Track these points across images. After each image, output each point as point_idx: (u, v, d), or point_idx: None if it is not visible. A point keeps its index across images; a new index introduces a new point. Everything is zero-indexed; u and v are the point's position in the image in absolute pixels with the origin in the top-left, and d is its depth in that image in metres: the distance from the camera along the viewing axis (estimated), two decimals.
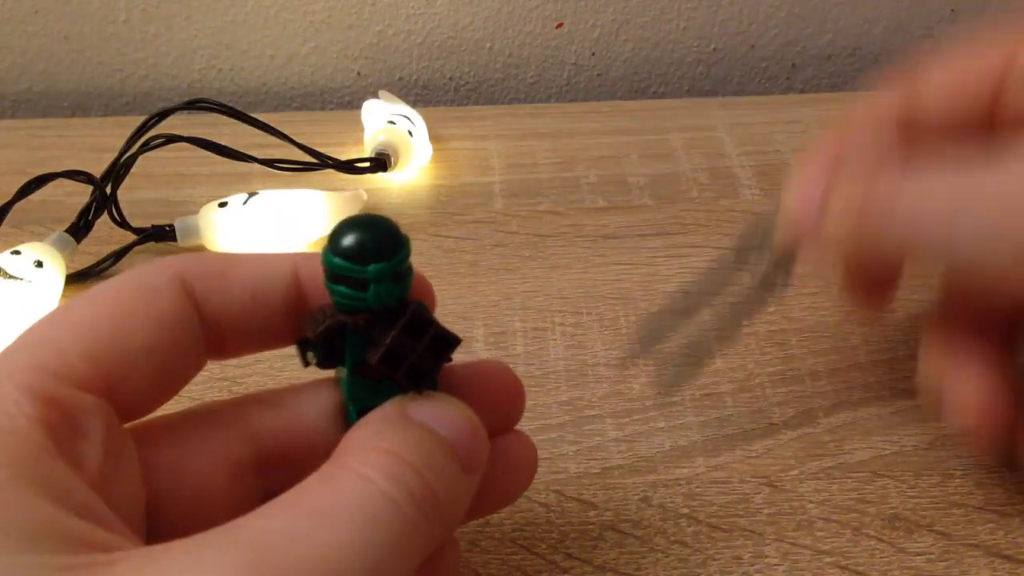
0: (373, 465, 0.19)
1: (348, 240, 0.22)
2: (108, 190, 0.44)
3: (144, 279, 0.22)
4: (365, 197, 0.47)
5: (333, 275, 0.22)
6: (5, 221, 0.43)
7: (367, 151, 0.50)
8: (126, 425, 0.22)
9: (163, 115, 0.44)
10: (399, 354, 0.22)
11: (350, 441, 0.21)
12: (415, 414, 0.21)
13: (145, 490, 0.22)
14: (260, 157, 0.46)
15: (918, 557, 0.31)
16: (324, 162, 0.48)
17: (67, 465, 0.19)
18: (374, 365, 0.22)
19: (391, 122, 0.50)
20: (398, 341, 0.22)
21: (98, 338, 0.21)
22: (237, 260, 0.24)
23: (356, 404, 0.23)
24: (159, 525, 0.22)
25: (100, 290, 0.22)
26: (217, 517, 0.21)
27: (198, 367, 0.24)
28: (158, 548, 0.18)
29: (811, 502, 0.33)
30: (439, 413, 0.22)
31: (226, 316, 0.23)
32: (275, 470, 0.24)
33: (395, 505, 0.19)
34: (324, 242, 0.23)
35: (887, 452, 0.35)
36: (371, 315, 0.22)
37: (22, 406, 0.19)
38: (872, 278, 0.34)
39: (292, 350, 0.24)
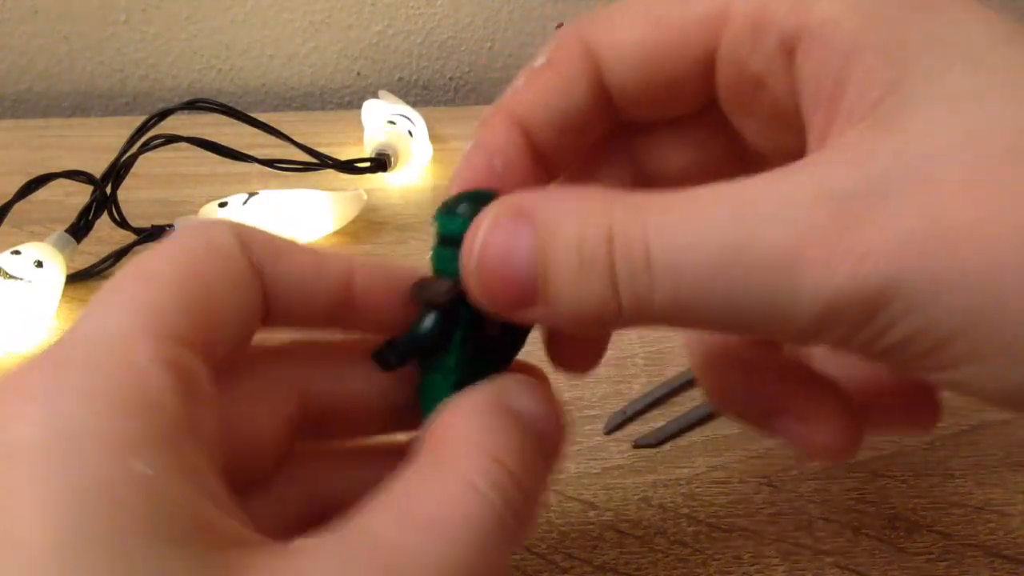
0: (479, 471, 0.20)
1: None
2: (108, 190, 0.44)
3: (213, 241, 0.22)
4: (365, 197, 0.47)
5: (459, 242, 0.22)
6: (5, 221, 0.43)
7: (367, 151, 0.50)
8: None
9: (163, 115, 0.44)
10: (514, 324, 0.23)
11: (452, 435, 0.21)
12: (515, 404, 0.22)
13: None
14: (260, 157, 0.46)
15: (918, 557, 0.31)
16: (324, 162, 0.48)
17: (196, 441, 0.18)
18: (494, 336, 0.23)
19: (391, 122, 0.50)
20: None
21: (190, 298, 0.20)
22: (293, 244, 0.24)
23: (463, 375, 0.23)
24: None
25: (171, 251, 0.21)
26: (264, 469, 0.23)
27: (254, 332, 0.23)
28: (290, 552, 0.18)
29: (811, 502, 0.33)
30: (535, 405, 0.22)
31: (272, 291, 0.23)
32: (315, 427, 0.24)
33: (498, 515, 0.19)
34: (442, 211, 0.22)
35: (887, 452, 0.35)
36: None
37: (157, 377, 0.18)
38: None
39: None
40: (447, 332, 0.23)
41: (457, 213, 0.22)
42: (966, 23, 0.20)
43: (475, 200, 0.22)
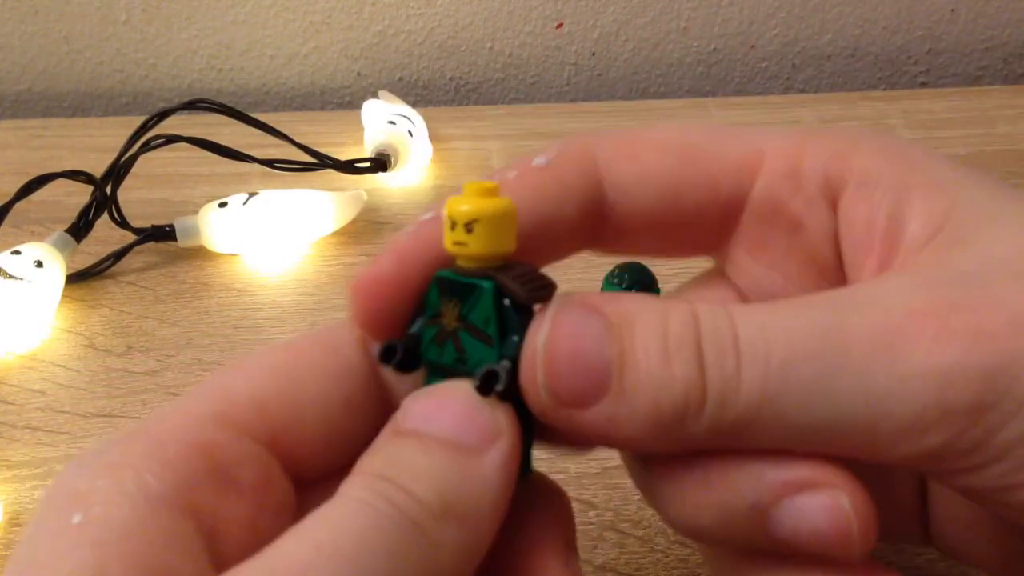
0: (356, 487, 0.19)
1: None
2: (108, 190, 0.44)
3: (327, 335, 0.22)
4: (365, 197, 0.47)
5: None
6: (5, 221, 0.43)
7: (367, 151, 0.50)
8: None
9: (163, 115, 0.44)
10: None
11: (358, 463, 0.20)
12: (404, 422, 0.20)
13: None
14: (260, 157, 0.46)
15: (918, 557, 0.31)
16: (324, 162, 0.48)
17: (183, 529, 0.18)
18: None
19: (391, 122, 0.50)
20: None
21: (269, 386, 0.21)
22: None
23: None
24: None
25: (284, 343, 0.22)
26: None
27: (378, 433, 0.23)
28: None
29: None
30: (427, 410, 0.20)
31: (402, 385, 0.23)
32: None
33: (372, 509, 0.18)
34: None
35: None
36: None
37: (152, 469, 0.19)
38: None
39: None
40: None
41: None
42: (981, 174, 0.22)
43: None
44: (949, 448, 0.18)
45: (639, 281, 0.39)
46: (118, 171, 0.44)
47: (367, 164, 0.48)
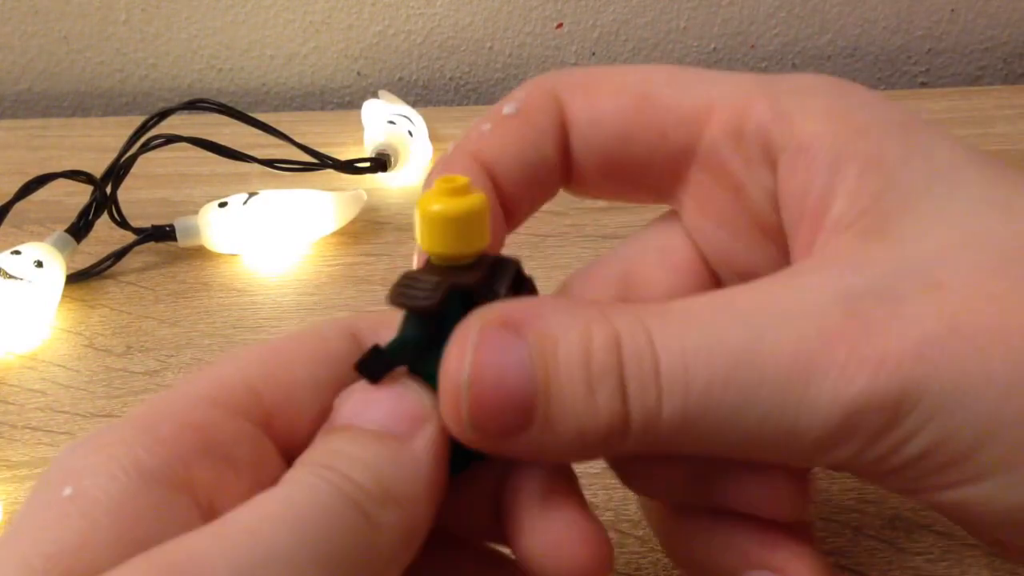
0: (302, 472, 0.19)
1: None
2: (108, 190, 0.44)
3: (316, 327, 0.23)
4: (365, 197, 0.47)
5: None
6: (5, 221, 0.43)
7: (367, 151, 0.50)
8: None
9: (163, 115, 0.44)
10: None
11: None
12: (335, 419, 0.21)
13: None
14: (260, 157, 0.46)
15: (918, 557, 0.31)
16: (324, 162, 0.48)
17: (178, 504, 0.19)
18: None
19: (391, 122, 0.50)
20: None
21: (260, 371, 0.21)
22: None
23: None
24: None
25: (277, 337, 0.22)
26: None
27: None
28: None
29: (811, 502, 0.33)
30: (356, 405, 0.21)
31: None
32: None
33: (316, 490, 0.18)
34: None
35: None
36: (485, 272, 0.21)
37: (151, 437, 0.19)
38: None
39: None
40: (437, 337, 0.20)
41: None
42: (938, 144, 0.21)
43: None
44: (858, 459, 0.19)
45: None
46: (118, 171, 0.44)
47: (367, 164, 0.48)
